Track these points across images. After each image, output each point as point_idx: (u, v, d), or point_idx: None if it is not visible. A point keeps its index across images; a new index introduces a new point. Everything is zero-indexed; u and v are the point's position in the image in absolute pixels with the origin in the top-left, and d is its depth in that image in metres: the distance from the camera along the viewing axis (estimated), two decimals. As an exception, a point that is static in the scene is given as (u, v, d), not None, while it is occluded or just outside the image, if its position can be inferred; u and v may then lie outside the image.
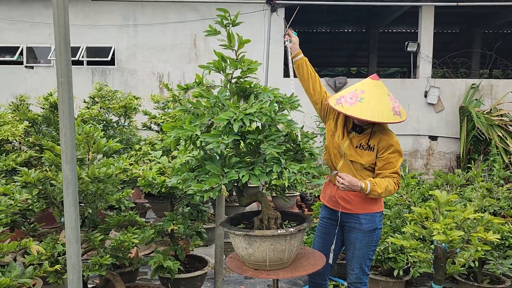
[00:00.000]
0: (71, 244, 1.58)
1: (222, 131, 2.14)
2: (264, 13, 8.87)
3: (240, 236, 2.34)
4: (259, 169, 2.20)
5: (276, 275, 2.38)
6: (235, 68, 2.40)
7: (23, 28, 9.33)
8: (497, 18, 11.55)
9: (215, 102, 2.36)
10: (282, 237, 2.31)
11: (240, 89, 2.48)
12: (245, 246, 2.33)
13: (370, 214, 2.75)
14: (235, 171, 2.19)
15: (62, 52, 1.42)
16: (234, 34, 2.40)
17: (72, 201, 1.57)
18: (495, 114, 8.60)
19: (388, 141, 2.69)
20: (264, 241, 2.29)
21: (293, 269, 2.43)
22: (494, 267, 3.39)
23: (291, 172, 2.23)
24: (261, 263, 2.36)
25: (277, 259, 2.35)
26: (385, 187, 2.58)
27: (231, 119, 2.11)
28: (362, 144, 2.73)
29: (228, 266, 2.53)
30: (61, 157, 1.53)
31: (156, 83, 9.36)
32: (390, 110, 2.60)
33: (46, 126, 5.22)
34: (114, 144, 3.36)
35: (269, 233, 2.29)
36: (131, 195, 5.61)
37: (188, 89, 2.54)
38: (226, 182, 2.16)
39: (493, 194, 4.36)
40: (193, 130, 2.22)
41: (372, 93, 2.63)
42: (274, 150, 2.21)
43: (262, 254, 2.31)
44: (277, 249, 2.32)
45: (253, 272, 2.40)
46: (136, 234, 3.00)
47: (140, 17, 9.25)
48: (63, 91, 1.47)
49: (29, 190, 2.70)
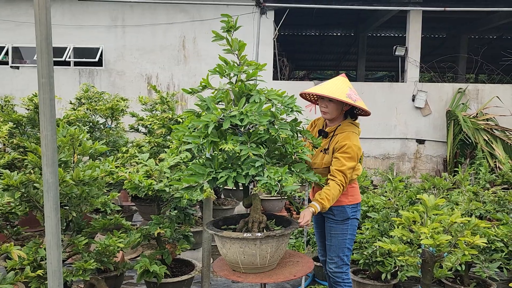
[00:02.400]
0: (52, 250, 1.53)
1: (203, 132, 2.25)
2: (253, 16, 8.87)
3: (216, 236, 2.47)
4: (238, 171, 2.29)
5: (247, 279, 2.43)
6: (238, 72, 2.47)
7: (9, 28, 9.18)
8: (483, 23, 11.72)
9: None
10: (251, 241, 2.35)
11: (243, 91, 2.51)
12: (220, 246, 2.47)
13: (341, 206, 2.94)
14: (216, 171, 2.30)
15: (43, 52, 1.37)
16: (233, 39, 2.48)
17: (53, 205, 1.52)
18: (481, 118, 8.71)
19: (341, 142, 2.82)
20: (233, 243, 2.37)
21: (268, 275, 2.48)
22: (481, 271, 3.41)
23: (266, 176, 2.25)
24: (235, 264, 2.46)
25: (249, 263, 2.40)
26: (331, 197, 2.72)
27: (210, 122, 2.22)
28: (325, 148, 2.90)
29: (214, 266, 2.62)
30: (42, 160, 1.48)
31: (144, 84, 9.29)
32: (343, 93, 2.78)
33: (30, 128, 5.12)
34: (100, 146, 3.31)
35: (234, 235, 2.36)
36: (117, 197, 5.55)
37: (194, 93, 2.53)
38: (204, 180, 2.30)
39: (479, 198, 4.40)
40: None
41: (332, 81, 2.92)
42: (252, 152, 2.24)
43: (234, 255, 2.40)
44: (247, 252, 2.36)
45: (228, 272, 2.51)
46: (121, 238, 2.95)
47: (128, 18, 9.17)
48: (44, 92, 1.42)
49: (11, 193, 2.63)
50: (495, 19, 10.88)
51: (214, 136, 2.28)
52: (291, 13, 9.21)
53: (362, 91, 9.04)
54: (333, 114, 2.91)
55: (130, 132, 5.94)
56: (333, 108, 2.88)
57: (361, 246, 3.78)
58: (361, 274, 3.87)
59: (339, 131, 2.90)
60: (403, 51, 9.25)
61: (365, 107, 2.85)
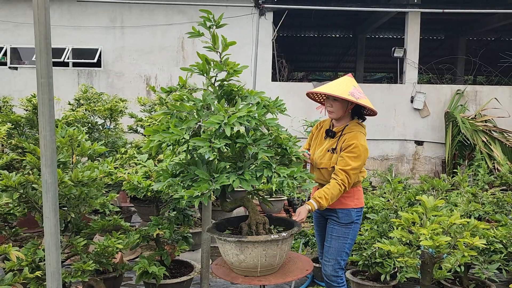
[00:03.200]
0: (51, 251, 1.52)
1: (212, 135, 2.09)
2: (252, 17, 8.87)
3: (231, 243, 2.29)
4: (249, 174, 2.17)
5: (267, 281, 2.35)
6: (220, 70, 2.36)
7: (7, 29, 9.17)
8: (481, 25, 11.75)
9: (202, 105, 2.32)
10: (274, 242, 2.28)
11: (225, 92, 2.45)
12: (236, 252, 2.29)
13: (346, 209, 2.93)
14: (226, 176, 2.15)
15: (42, 52, 1.37)
16: (218, 36, 2.36)
17: (52, 206, 1.52)
18: (479, 119, 8.73)
19: (348, 142, 2.81)
20: (256, 246, 2.26)
21: (284, 274, 2.42)
22: (480, 272, 3.40)
23: (282, 176, 2.20)
24: (252, 269, 2.33)
25: (268, 265, 2.33)
26: (330, 196, 2.71)
27: (221, 122, 2.06)
28: (332, 148, 2.90)
29: (216, 273, 2.48)
30: (41, 160, 1.48)
31: (143, 85, 9.28)
32: (346, 91, 2.78)
33: (29, 128, 5.11)
34: (98, 147, 3.30)
35: (262, 238, 2.26)
36: (116, 198, 5.53)
37: (171, 92, 2.50)
38: (217, 187, 2.11)
39: (478, 199, 4.40)
40: (181, 134, 2.17)
41: (338, 80, 2.93)
42: (265, 155, 2.18)
43: (254, 260, 2.28)
44: (269, 254, 2.29)
45: (243, 279, 2.36)
46: (120, 239, 2.94)
47: (127, 19, 9.17)
48: (43, 93, 1.42)
49: (10, 194, 2.62)
50: (493, 21, 10.91)
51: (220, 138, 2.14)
52: (290, 14, 9.22)
53: (360, 93, 9.04)
54: (338, 113, 2.91)
55: (129, 133, 5.94)
56: (338, 107, 2.89)
57: (360, 247, 3.77)
58: (360, 275, 3.86)
59: (347, 130, 2.89)
60: (402, 53, 9.26)
61: (370, 105, 2.85)
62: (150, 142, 2.24)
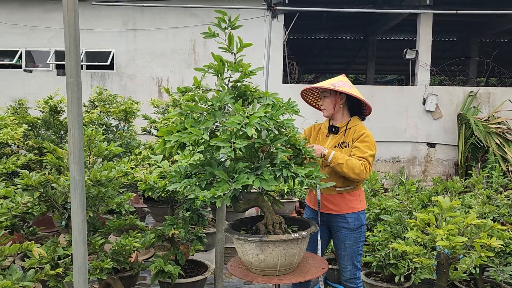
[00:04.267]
0: (78, 246, 1.56)
1: (232, 135, 2.10)
2: (264, 19, 8.91)
3: (251, 243, 2.29)
4: (268, 174, 2.17)
5: (287, 280, 2.35)
6: (235, 71, 2.38)
7: (22, 32, 9.33)
8: (494, 27, 11.65)
9: (219, 105, 2.34)
10: (295, 242, 2.30)
11: (239, 93, 2.47)
12: (257, 252, 2.29)
13: (356, 213, 2.91)
14: (246, 177, 2.14)
15: (71, 53, 1.42)
16: (234, 37, 2.38)
17: (80, 202, 1.56)
18: (493, 121, 8.65)
19: (359, 132, 2.85)
20: (277, 246, 2.27)
21: (302, 273, 2.42)
22: (495, 274, 3.38)
23: (300, 176, 2.22)
24: (272, 269, 2.33)
25: (288, 264, 2.34)
26: (346, 160, 2.69)
27: (242, 123, 2.07)
28: (340, 142, 2.90)
29: (234, 273, 2.47)
30: (69, 158, 1.52)
31: (155, 88, 9.37)
32: (327, 83, 2.89)
33: (45, 130, 5.20)
34: (115, 147, 3.36)
35: (284, 237, 2.27)
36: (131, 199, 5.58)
37: (186, 92, 2.52)
38: (239, 187, 2.11)
39: (492, 201, 4.37)
40: (199, 134, 2.19)
41: (334, 77, 3.00)
42: (284, 154, 2.20)
43: (274, 259, 2.29)
44: (289, 253, 2.30)
45: (262, 278, 2.36)
46: (137, 238, 2.98)
47: (139, 22, 9.27)
48: (72, 92, 1.47)
49: (30, 193, 2.68)
50: (506, 22, 10.81)
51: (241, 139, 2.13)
52: (301, 16, 9.24)
53: (372, 94, 9.03)
54: (329, 108, 2.96)
55: (142, 134, 6.00)
56: (328, 103, 2.95)
57: (373, 249, 3.77)
58: (374, 276, 3.86)
59: (351, 124, 2.93)
60: (413, 55, 9.23)
61: (357, 94, 2.85)
62: (165, 143, 2.26)
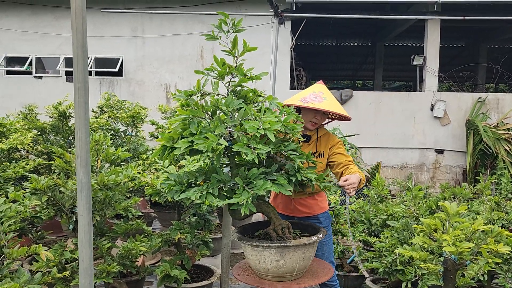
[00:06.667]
0: (84, 248, 1.58)
1: (250, 140, 2.06)
2: (271, 26, 8.95)
3: (271, 249, 2.25)
4: (283, 179, 2.15)
5: (305, 283, 2.33)
6: (240, 75, 2.35)
7: (33, 39, 9.47)
8: (503, 33, 11.59)
9: (231, 110, 2.32)
10: (312, 245, 2.31)
11: (239, 97, 2.44)
12: (276, 258, 2.25)
13: (326, 212, 3.03)
14: (263, 182, 2.11)
15: (79, 58, 1.45)
16: (238, 40, 2.34)
17: (86, 204, 1.58)
18: (502, 128, 8.58)
19: (335, 140, 2.91)
20: (297, 250, 2.25)
21: (314, 276, 2.42)
22: (504, 281, 3.34)
23: (313, 180, 2.23)
24: (289, 274, 2.31)
25: (303, 267, 2.34)
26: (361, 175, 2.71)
27: (260, 127, 2.04)
28: (313, 152, 2.86)
29: (246, 282, 2.44)
30: (76, 160, 1.54)
31: (163, 94, 9.44)
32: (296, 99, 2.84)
33: (54, 135, 5.26)
34: (122, 152, 3.39)
35: (305, 241, 2.26)
36: (136, 204, 5.62)
37: (192, 95, 2.51)
38: (262, 193, 2.08)
39: (501, 208, 4.32)
40: (215, 140, 2.09)
41: (328, 93, 2.88)
42: (299, 160, 2.20)
43: (293, 264, 2.26)
44: (306, 257, 2.30)
45: (280, 284, 2.32)
46: (144, 242, 3.00)
47: (148, 29, 9.37)
48: (79, 96, 1.49)
49: (39, 197, 2.71)
50: (515, 28, 10.77)
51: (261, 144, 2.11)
52: (308, 23, 9.27)
53: (380, 100, 9.01)
54: (320, 123, 2.91)
55: (149, 140, 6.04)
56: (323, 118, 2.92)
57: (380, 255, 3.75)
58: (380, 283, 3.83)
59: (321, 133, 2.94)
60: (421, 61, 9.20)
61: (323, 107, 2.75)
62: (171, 150, 2.25)
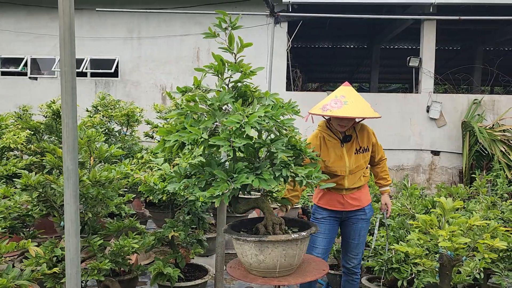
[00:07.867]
0: (71, 237, 1.54)
1: (231, 134, 2.07)
2: (267, 26, 8.95)
3: (250, 243, 2.26)
4: (268, 174, 2.14)
5: (286, 281, 2.31)
6: (236, 71, 2.35)
7: (29, 40, 9.42)
8: (498, 35, 11.63)
9: (219, 105, 2.33)
10: (294, 242, 2.26)
11: (239, 93, 2.46)
12: (256, 253, 2.25)
13: (370, 204, 3.24)
14: (246, 176, 2.11)
15: (66, 41, 1.41)
16: (234, 37, 2.35)
17: (73, 192, 1.54)
18: (497, 129, 8.58)
19: (369, 131, 3.13)
20: (276, 246, 2.23)
21: (302, 275, 2.39)
22: (500, 279, 3.31)
23: (300, 176, 2.20)
24: (271, 270, 2.30)
25: (287, 265, 2.30)
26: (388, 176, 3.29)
27: (241, 122, 2.05)
28: (357, 148, 3.05)
29: (233, 275, 2.43)
30: (63, 147, 1.51)
31: (158, 95, 9.41)
32: (370, 107, 2.93)
33: (48, 134, 5.21)
34: (115, 150, 3.35)
35: (283, 238, 2.24)
36: (131, 205, 5.57)
37: (186, 92, 2.50)
38: (238, 186, 2.08)
39: (497, 207, 4.31)
40: (198, 134, 2.16)
41: (351, 95, 2.88)
42: (284, 155, 2.18)
43: (273, 260, 2.25)
44: (289, 254, 2.27)
45: (262, 279, 2.32)
46: (136, 239, 2.96)
47: (144, 29, 9.34)
48: (66, 81, 1.46)
49: (29, 193, 2.67)
50: (510, 31, 10.80)
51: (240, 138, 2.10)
52: (304, 24, 9.28)
53: (376, 102, 9.00)
54: (349, 125, 3.04)
55: (145, 140, 6.01)
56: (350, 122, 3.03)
57: (376, 253, 3.72)
58: (376, 282, 3.80)
59: (358, 128, 3.11)
60: (417, 62, 9.21)
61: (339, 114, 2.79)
62: (164, 143, 2.24)
